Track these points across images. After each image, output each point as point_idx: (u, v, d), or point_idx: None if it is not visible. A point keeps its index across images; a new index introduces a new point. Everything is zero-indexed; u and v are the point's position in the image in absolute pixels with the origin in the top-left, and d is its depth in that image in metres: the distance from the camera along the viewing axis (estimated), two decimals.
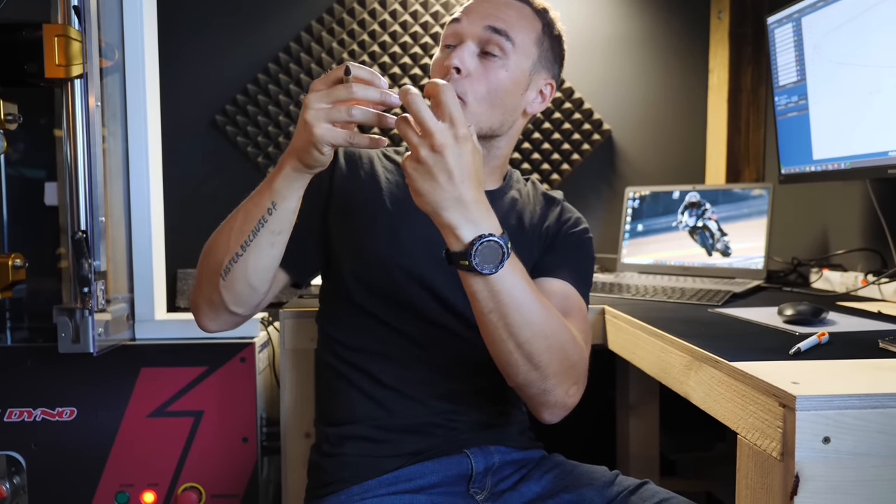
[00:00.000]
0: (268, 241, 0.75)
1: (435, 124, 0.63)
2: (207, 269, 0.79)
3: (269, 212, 0.74)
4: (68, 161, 1.11)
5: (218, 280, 0.77)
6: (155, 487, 1.19)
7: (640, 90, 1.82)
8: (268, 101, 1.71)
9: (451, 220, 0.67)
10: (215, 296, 0.79)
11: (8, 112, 1.15)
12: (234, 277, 0.77)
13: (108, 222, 1.18)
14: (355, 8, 1.71)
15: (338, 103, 0.67)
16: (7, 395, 1.16)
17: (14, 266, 1.17)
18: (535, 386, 0.75)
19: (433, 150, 0.64)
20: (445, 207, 0.66)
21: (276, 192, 0.73)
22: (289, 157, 0.73)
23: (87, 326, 1.07)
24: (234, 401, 1.19)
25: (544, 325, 0.73)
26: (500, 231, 0.68)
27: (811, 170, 1.29)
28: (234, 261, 0.76)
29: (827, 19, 1.19)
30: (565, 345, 0.75)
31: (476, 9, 0.87)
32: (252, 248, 0.75)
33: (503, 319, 0.71)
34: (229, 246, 0.76)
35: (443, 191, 0.65)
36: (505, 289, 0.69)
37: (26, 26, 1.08)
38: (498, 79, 0.85)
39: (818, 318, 0.93)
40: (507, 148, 0.94)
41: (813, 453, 0.58)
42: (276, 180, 0.73)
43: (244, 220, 0.75)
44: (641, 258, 1.61)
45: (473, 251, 0.66)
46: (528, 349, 0.72)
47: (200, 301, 0.82)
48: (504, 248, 0.67)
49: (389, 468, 0.83)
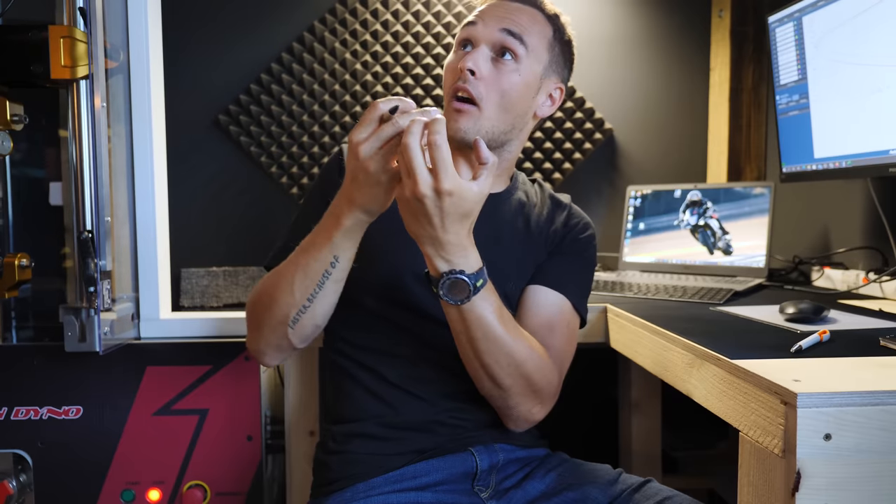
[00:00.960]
0: (332, 290, 0.80)
1: (420, 172, 0.65)
2: (271, 321, 0.82)
3: (332, 265, 0.77)
4: (74, 161, 1.12)
5: (285, 329, 0.81)
6: (160, 485, 1.19)
7: (642, 89, 1.82)
8: (271, 100, 1.71)
9: (427, 252, 0.71)
10: (284, 342, 0.83)
11: (14, 113, 1.16)
12: (303, 325, 0.81)
13: (113, 222, 1.19)
14: (357, 8, 1.71)
15: (390, 142, 0.68)
16: (13, 393, 1.17)
17: (20, 266, 1.18)
18: (498, 401, 0.83)
19: (414, 196, 0.66)
20: (423, 241, 0.70)
21: (338, 246, 0.76)
22: (348, 208, 0.74)
23: (93, 325, 1.08)
24: (238, 399, 1.20)
25: (511, 354, 0.78)
26: (474, 268, 0.72)
27: (812, 168, 1.29)
28: (301, 312, 0.80)
29: (828, 18, 1.20)
30: (531, 373, 0.81)
31: (490, 13, 0.88)
32: (318, 299, 0.79)
33: (470, 343, 0.77)
34: (295, 300, 0.79)
35: (421, 228, 0.69)
36: (472, 318, 0.74)
37: (32, 28, 1.08)
38: (511, 82, 0.86)
39: (819, 316, 0.93)
40: (517, 150, 0.95)
41: (814, 450, 0.58)
42: (336, 234, 0.75)
43: (305, 275, 0.78)
44: (643, 257, 1.62)
45: (441, 283, 0.71)
46: (490, 371, 0.79)
47: (264, 347, 0.85)
48: (471, 285, 0.71)
49: (395, 466, 0.84)
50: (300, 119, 1.72)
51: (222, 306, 1.66)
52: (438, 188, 0.65)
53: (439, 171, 0.65)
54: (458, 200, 0.66)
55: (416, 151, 0.65)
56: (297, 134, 1.72)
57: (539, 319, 0.88)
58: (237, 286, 1.67)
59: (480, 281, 0.72)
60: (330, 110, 1.72)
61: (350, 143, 0.70)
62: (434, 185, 0.65)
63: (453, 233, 0.68)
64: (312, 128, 1.73)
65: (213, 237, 1.73)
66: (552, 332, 0.87)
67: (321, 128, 1.73)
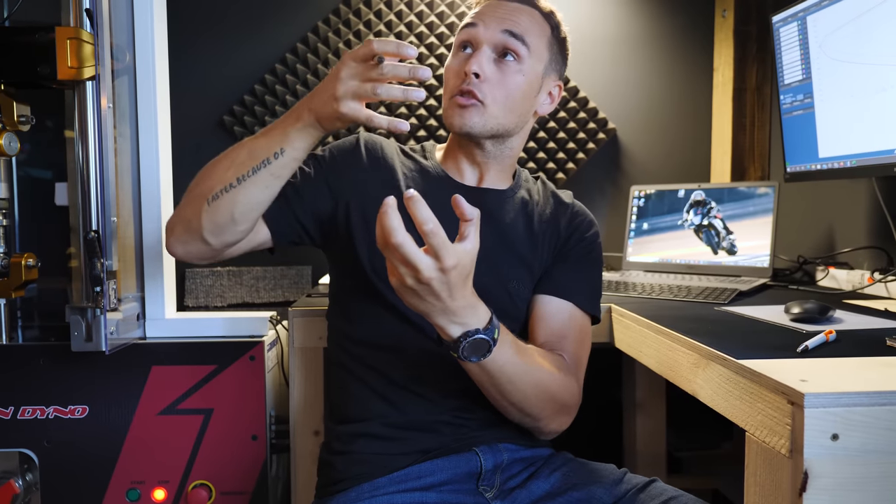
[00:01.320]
0: (264, 182, 0.78)
1: (421, 261, 0.63)
2: (194, 193, 0.81)
3: (276, 156, 0.77)
4: (80, 162, 1.12)
5: (203, 204, 0.79)
6: (165, 484, 1.20)
7: (645, 89, 1.82)
8: (275, 101, 1.72)
9: (439, 322, 0.69)
10: (195, 220, 0.80)
11: (21, 114, 1.17)
12: (218, 205, 0.79)
13: (119, 222, 1.19)
14: (361, 9, 1.72)
15: (368, 81, 0.71)
16: (20, 393, 1.18)
17: (27, 266, 1.19)
18: (528, 424, 0.85)
19: (419, 282, 0.64)
20: (432, 315, 0.69)
21: (289, 141, 0.77)
22: (308, 114, 0.76)
23: (99, 325, 1.08)
24: (243, 399, 1.20)
25: (536, 384, 0.79)
26: (485, 322, 0.71)
27: (817, 168, 1.29)
28: (225, 190, 0.78)
29: (832, 18, 1.20)
30: (557, 393, 0.82)
31: (491, 13, 0.88)
32: (246, 184, 0.78)
33: (496, 388, 0.77)
34: (225, 176, 0.78)
35: (430, 305, 0.67)
36: (495, 368, 0.74)
37: (39, 29, 1.09)
38: (515, 82, 0.87)
39: (825, 316, 0.93)
40: (518, 147, 0.96)
41: (821, 450, 0.58)
42: (292, 130, 0.76)
43: (248, 156, 0.78)
44: (647, 256, 1.62)
45: (461, 347, 0.70)
46: (520, 406, 0.80)
47: (177, 223, 0.83)
48: (490, 340, 0.71)
49: (400, 466, 0.84)
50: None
51: (226, 306, 1.66)
52: (443, 267, 0.63)
53: (440, 254, 0.63)
54: (461, 268, 0.65)
55: (409, 245, 0.62)
56: None
57: (551, 329, 0.89)
58: (241, 286, 1.68)
59: (496, 332, 0.71)
60: None
61: (339, 63, 0.74)
62: (438, 267, 0.63)
63: (461, 297, 0.67)
64: None
65: None
66: (564, 339, 0.88)
67: None
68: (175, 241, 0.84)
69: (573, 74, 1.77)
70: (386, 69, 0.70)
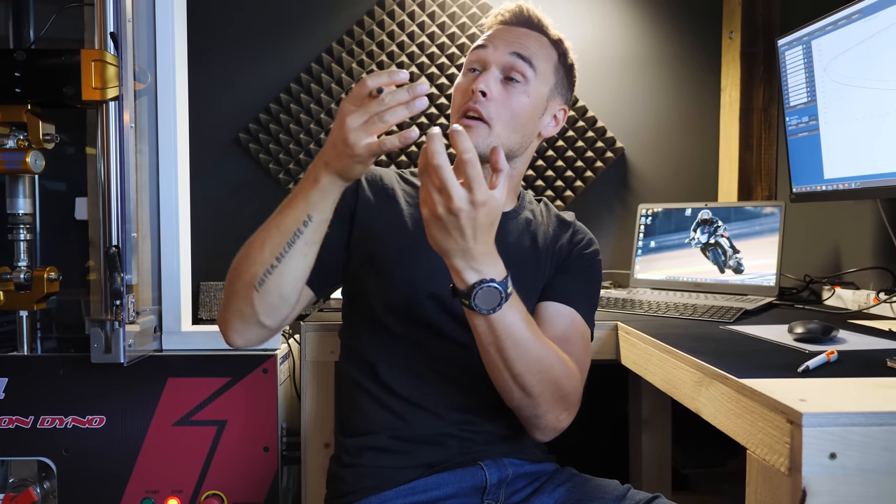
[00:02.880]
0: (302, 251, 0.78)
1: (455, 188, 0.67)
2: (239, 283, 0.80)
3: (305, 224, 0.77)
4: (102, 178, 1.16)
5: (251, 293, 0.79)
6: (179, 494, 1.22)
7: (653, 108, 1.85)
8: (290, 119, 1.76)
9: (457, 266, 0.72)
10: (247, 308, 0.80)
11: (46, 132, 1.21)
12: (267, 289, 0.79)
13: (138, 237, 1.23)
14: (374, 30, 1.76)
15: (373, 117, 0.71)
16: (40, 402, 1.21)
17: (49, 279, 1.23)
18: (527, 410, 0.83)
19: (449, 211, 0.68)
20: (454, 255, 0.71)
21: (312, 205, 0.76)
22: (325, 171, 0.75)
23: (118, 338, 1.11)
24: (256, 411, 1.23)
25: (540, 360, 0.79)
26: (501, 276, 0.73)
27: (822, 189, 1.31)
28: (268, 273, 0.78)
29: (836, 43, 1.22)
30: (559, 378, 0.82)
31: (500, 37, 0.92)
32: (287, 260, 0.78)
33: (500, 353, 0.77)
34: (264, 259, 0.78)
35: (454, 242, 0.70)
36: (502, 327, 0.75)
37: (65, 52, 1.14)
38: (521, 103, 0.90)
39: (828, 336, 0.95)
40: (522, 168, 0.98)
41: (819, 469, 0.60)
42: (312, 193, 0.76)
43: (279, 232, 0.78)
44: (654, 274, 1.63)
45: (474, 293, 0.72)
46: (521, 380, 0.79)
47: (230, 317, 0.83)
48: (503, 292, 0.72)
49: (406, 479, 0.86)
50: (317, 137, 1.77)
51: None
52: (474, 200, 0.67)
53: (473, 185, 0.67)
54: (489, 210, 0.69)
55: (447, 170, 0.66)
56: (314, 152, 1.77)
57: (554, 332, 0.90)
58: None
59: (510, 288, 0.74)
60: None
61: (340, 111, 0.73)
62: (470, 199, 0.67)
63: (483, 242, 0.70)
64: None
65: (232, 251, 1.76)
66: (568, 342, 0.89)
67: None
68: (234, 334, 0.84)
69: (582, 94, 1.81)
70: (387, 99, 0.71)
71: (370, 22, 1.76)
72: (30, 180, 1.26)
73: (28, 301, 1.22)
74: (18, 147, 1.18)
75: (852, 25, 1.17)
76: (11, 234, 1.23)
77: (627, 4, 1.83)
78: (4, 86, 1.14)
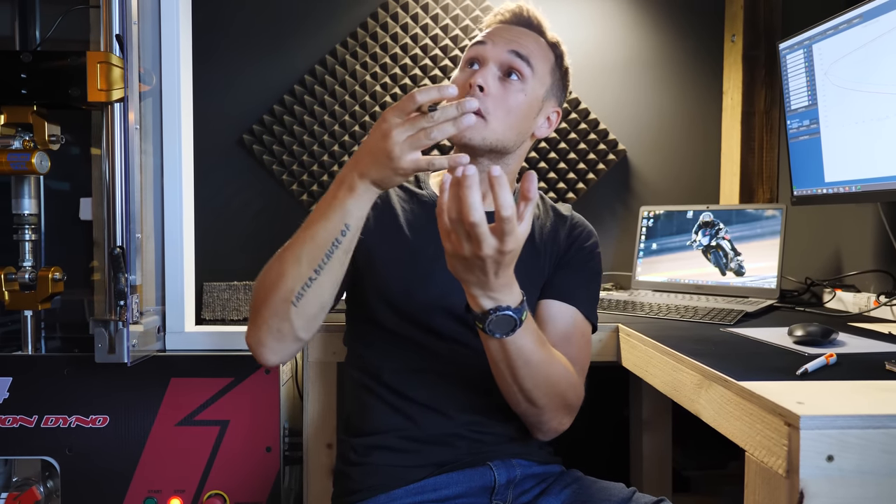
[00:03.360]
0: (340, 260, 0.77)
1: (486, 240, 0.66)
2: (274, 300, 0.77)
3: (343, 233, 0.75)
4: (107, 180, 1.17)
5: (288, 308, 0.77)
6: (182, 494, 1.23)
7: (655, 111, 1.85)
8: (293, 121, 1.77)
9: (474, 293, 0.72)
10: (285, 325, 0.78)
11: (51, 133, 1.22)
12: (307, 302, 0.77)
13: (142, 237, 1.23)
14: (378, 32, 1.77)
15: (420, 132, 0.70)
16: (44, 402, 1.22)
17: (53, 279, 1.24)
18: (532, 418, 0.85)
19: (476, 257, 0.67)
20: (471, 286, 0.71)
21: (350, 213, 0.75)
22: (360, 180, 0.74)
23: (122, 338, 1.12)
24: (258, 411, 1.23)
25: (548, 376, 0.81)
26: (517, 302, 0.73)
27: (823, 192, 1.31)
28: (307, 286, 0.76)
29: (837, 47, 1.22)
30: (565, 390, 0.84)
31: (499, 34, 0.93)
32: (326, 270, 0.76)
33: (511, 371, 0.78)
34: (300, 272, 0.76)
35: (474, 277, 0.70)
36: (515, 349, 0.76)
37: (71, 54, 1.15)
38: (517, 101, 0.90)
39: (828, 338, 0.95)
40: (516, 166, 0.98)
41: (817, 471, 0.60)
42: (349, 202, 0.74)
43: (314, 244, 0.76)
44: (655, 276, 1.64)
45: (488, 320, 0.72)
46: (529, 395, 0.81)
47: (264, 335, 0.80)
48: (517, 319, 0.73)
49: (415, 478, 0.86)
50: (321, 139, 1.77)
51: (243, 319, 1.70)
52: (502, 250, 0.67)
53: (506, 238, 0.66)
54: (515, 252, 0.68)
55: (483, 227, 0.65)
56: (318, 153, 1.78)
57: (556, 332, 0.91)
58: None
59: (525, 314, 0.74)
60: (349, 130, 1.78)
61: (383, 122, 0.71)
62: (498, 248, 0.66)
63: (504, 276, 0.70)
64: (332, 147, 1.78)
65: (235, 252, 1.78)
66: (569, 342, 0.90)
67: (341, 147, 1.78)
68: (270, 354, 0.81)
69: (584, 97, 1.81)
70: (437, 116, 0.69)
71: (374, 24, 1.77)
72: (35, 181, 1.27)
73: (33, 301, 1.23)
74: (24, 148, 1.19)
75: (853, 30, 1.18)
76: (17, 234, 1.24)
77: (630, 7, 1.84)
78: (11, 87, 1.15)
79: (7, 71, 1.14)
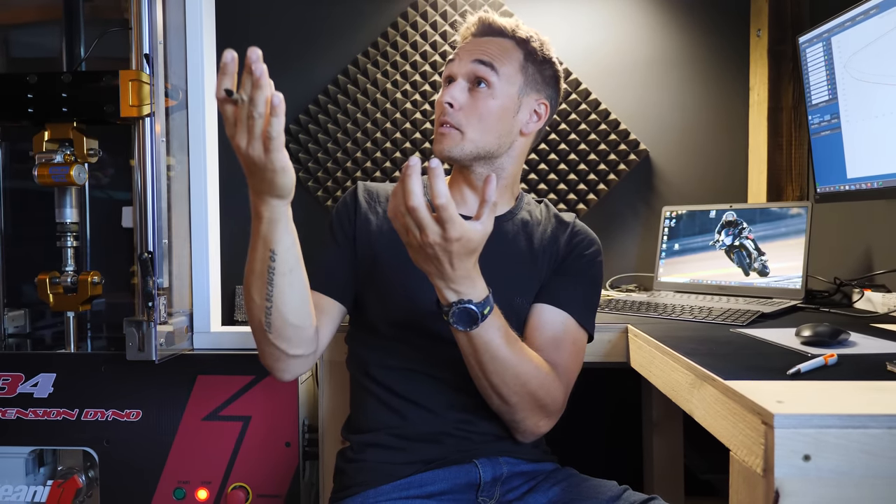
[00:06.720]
0: (286, 282, 0.79)
1: (429, 227, 0.69)
2: (254, 331, 0.84)
3: (273, 259, 0.77)
4: (139, 189, 1.25)
5: (266, 335, 0.82)
6: (208, 485, 1.29)
7: (679, 109, 1.83)
8: (317, 129, 1.83)
9: (437, 285, 0.76)
10: (271, 349, 0.84)
11: (90, 147, 1.32)
12: (276, 327, 0.81)
13: (174, 243, 1.31)
14: (398, 41, 1.82)
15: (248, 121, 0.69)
16: (85, 396, 1.31)
17: (92, 282, 1.33)
18: (506, 415, 0.88)
19: (425, 243, 0.71)
20: (433, 276, 0.75)
21: (269, 240, 0.76)
22: (259, 201, 0.75)
23: (150, 337, 1.20)
24: (278, 408, 1.29)
25: (517, 374, 0.82)
26: (480, 297, 0.76)
27: (846, 189, 1.27)
28: (268, 314, 0.80)
29: (855, 38, 1.19)
30: (536, 390, 0.85)
31: (466, 48, 0.97)
32: (276, 296, 0.79)
33: (478, 364, 0.81)
34: (256, 303, 0.80)
35: (432, 266, 0.73)
36: (481, 343, 0.79)
37: (106, 73, 1.23)
38: (487, 106, 0.93)
39: (836, 339, 0.93)
40: (513, 167, 1.00)
41: (793, 470, 0.60)
42: (262, 228, 0.76)
43: (255, 276, 0.79)
44: (678, 277, 1.61)
45: (451, 311, 0.76)
46: (498, 390, 0.83)
47: (265, 360, 0.87)
48: (478, 313, 0.76)
49: (403, 474, 0.89)
50: (344, 146, 1.83)
51: None
52: (447, 237, 0.70)
53: (447, 226, 0.69)
54: (465, 242, 0.71)
55: (422, 211, 0.68)
56: (342, 160, 1.83)
57: (545, 337, 0.92)
58: None
59: (488, 308, 0.77)
60: (372, 137, 1.83)
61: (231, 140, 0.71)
62: (443, 235, 0.69)
63: (461, 268, 0.73)
64: (356, 154, 1.83)
65: None
66: (558, 348, 0.91)
67: (363, 153, 1.83)
68: (281, 372, 0.87)
69: (605, 97, 1.80)
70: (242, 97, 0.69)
71: (394, 34, 1.82)
72: (77, 191, 1.37)
73: (74, 303, 1.32)
74: (65, 161, 1.29)
75: (870, 21, 1.14)
76: (59, 241, 1.34)
77: (652, 6, 1.82)
78: (53, 105, 1.24)
79: (49, 90, 1.24)
